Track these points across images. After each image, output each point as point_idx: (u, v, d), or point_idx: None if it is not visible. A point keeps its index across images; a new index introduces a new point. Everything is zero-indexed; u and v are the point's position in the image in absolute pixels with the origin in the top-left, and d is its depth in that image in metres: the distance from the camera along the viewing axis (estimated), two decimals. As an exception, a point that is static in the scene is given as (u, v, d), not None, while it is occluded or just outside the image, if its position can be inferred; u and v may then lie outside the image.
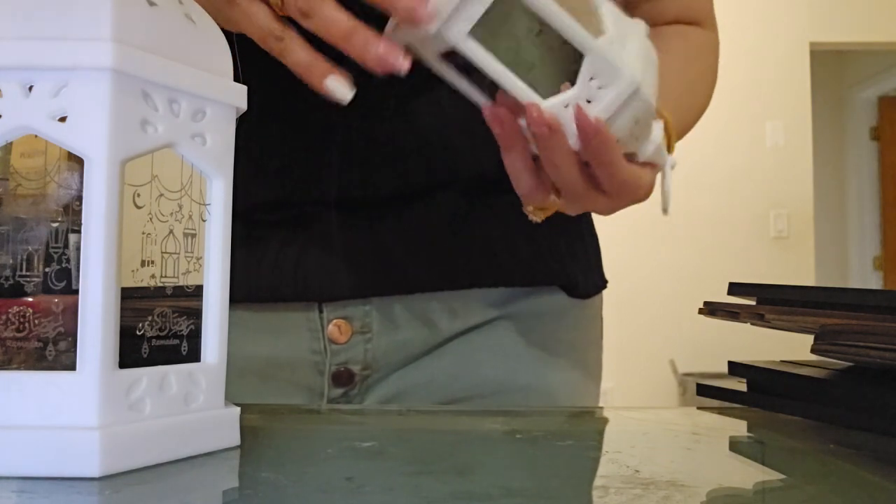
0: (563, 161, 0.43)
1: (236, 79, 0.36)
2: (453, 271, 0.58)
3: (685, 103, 0.60)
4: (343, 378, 0.58)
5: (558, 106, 0.41)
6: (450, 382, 0.59)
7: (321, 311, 0.57)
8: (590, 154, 0.42)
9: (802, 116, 3.87)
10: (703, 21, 0.65)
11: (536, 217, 0.49)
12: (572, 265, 0.63)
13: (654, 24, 0.63)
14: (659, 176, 0.49)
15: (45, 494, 0.27)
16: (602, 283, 0.67)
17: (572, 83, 0.41)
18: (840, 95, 5.22)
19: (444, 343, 0.59)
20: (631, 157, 0.45)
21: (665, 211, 0.50)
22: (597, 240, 0.68)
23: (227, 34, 0.37)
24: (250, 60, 0.45)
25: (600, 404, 0.61)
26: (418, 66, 0.41)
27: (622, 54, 0.41)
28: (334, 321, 0.57)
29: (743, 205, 3.82)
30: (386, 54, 0.39)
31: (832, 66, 5.02)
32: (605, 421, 0.49)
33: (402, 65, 0.39)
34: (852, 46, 4.21)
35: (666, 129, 0.49)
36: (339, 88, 0.41)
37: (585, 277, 0.64)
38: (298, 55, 0.41)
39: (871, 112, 5.14)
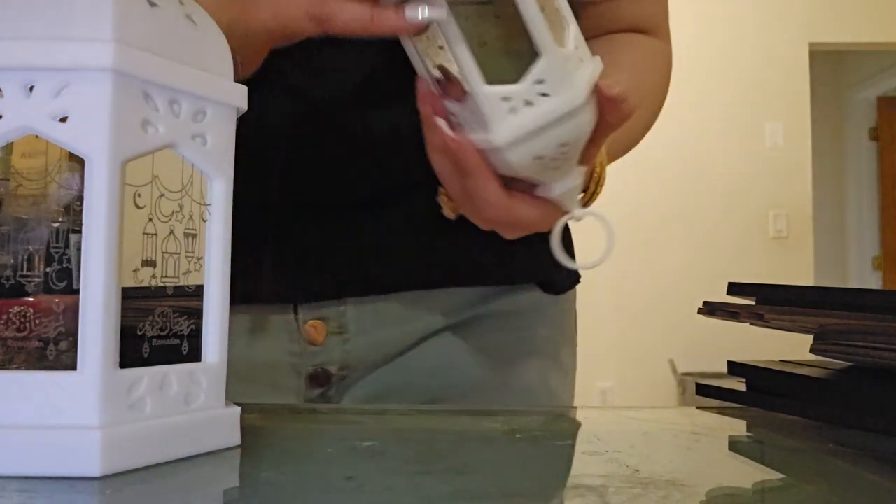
0: (437, 150, 0.43)
1: (236, 79, 0.36)
2: (430, 271, 0.58)
3: (638, 115, 0.60)
4: (320, 379, 0.58)
5: (495, 96, 0.39)
6: (428, 381, 0.59)
7: (297, 313, 0.57)
8: (455, 160, 0.42)
9: (802, 117, 3.87)
10: (655, 30, 0.65)
11: (447, 210, 0.48)
12: (548, 262, 0.63)
13: (607, 30, 0.63)
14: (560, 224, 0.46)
15: (45, 494, 0.27)
16: (576, 278, 0.68)
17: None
18: (839, 96, 5.22)
19: (422, 342, 0.59)
20: (537, 187, 0.44)
21: (566, 265, 0.47)
22: (570, 236, 0.69)
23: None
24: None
25: (600, 404, 0.61)
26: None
27: (577, 71, 0.40)
28: (310, 322, 0.57)
29: (742, 205, 3.82)
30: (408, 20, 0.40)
31: (832, 66, 5.02)
32: (605, 421, 0.49)
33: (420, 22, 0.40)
34: (852, 47, 4.21)
35: (598, 176, 0.48)
36: (420, 13, 0.40)
37: (560, 274, 0.64)
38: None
39: (871, 112, 5.14)
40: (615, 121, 0.43)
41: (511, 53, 0.41)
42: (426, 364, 0.59)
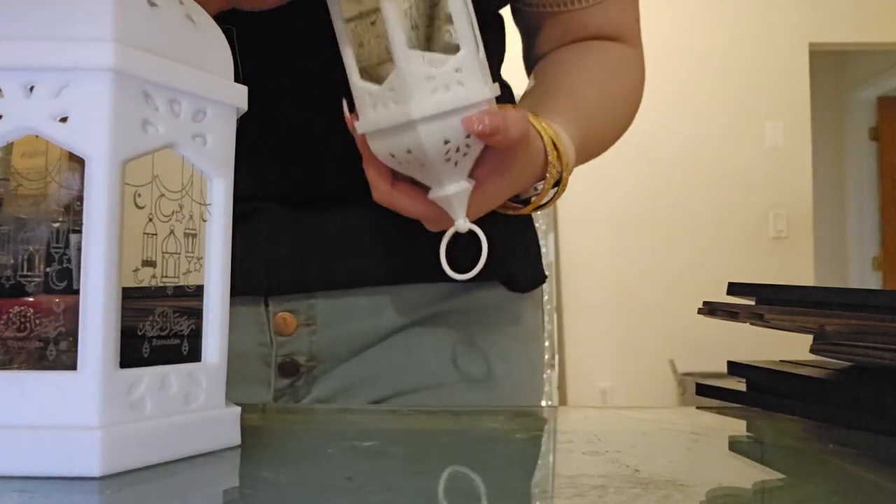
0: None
1: (236, 79, 0.36)
2: (397, 267, 0.59)
3: (604, 119, 0.61)
4: (289, 369, 0.59)
5: (362, 90, 0.45)
6: (395, 375, 0.60)
7: (267, 305, 0.58)
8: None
9: (802, 117, 3.87)
10: (626, 38, 0.65)
11: None
12: (512, 261, 0.65)
13: (575, 37, 0.64)
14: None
15: (45, 494, 0.27)
16: (541, 278, 0.69)
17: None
18: (839, 96, 5.22)
19: (389, 336, 0.60)
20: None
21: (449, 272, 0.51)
22: (536, 236, 0.70)
23: (227, 34, 0.37)
24: None
25: (600, 404, 0.61)
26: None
27: (428, 92, 0.43)
28: (279, 314, 0.58)
29: (743, 205, 3.82)
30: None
31: (832, 66, 5.02)
32: (605, 421, 0.49)
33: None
34: (852, 47, 4.21)
35: (559, 156, 0.51)
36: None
37: (524, 272, 0.66)
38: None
39: (871, 112, 5.14)
40: (497, 146, 0.45)
41: (385, 58, 0.46)
42: (393, 358, 0.60)
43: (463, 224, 0.48)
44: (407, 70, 0.42)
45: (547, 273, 0.73)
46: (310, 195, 0.58)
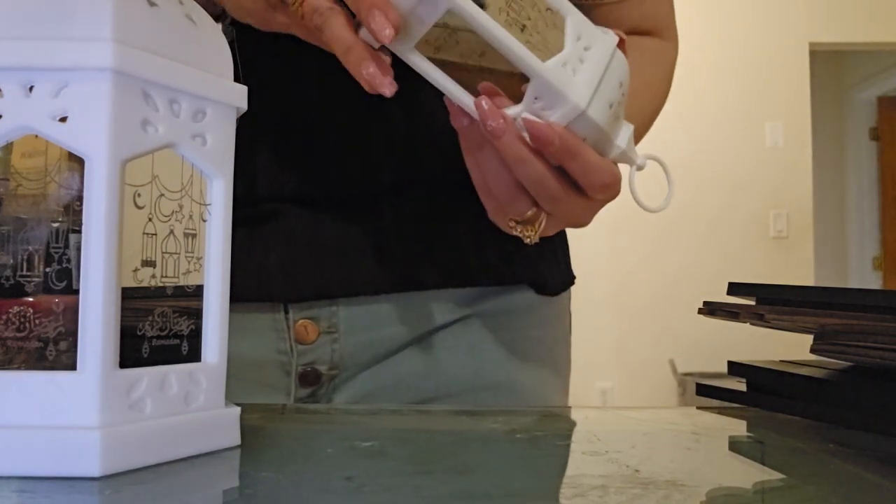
0: (526, 158, 0.41)
1: (236, 79, 0.36)
2: (421, 273, 0.58)
3: (634, 113, 0.60)
4: (310, 378, 0.58)
5: (556, 67, 0.40)
6: (418, 382, 0.59)
7: (287, 312, 0.57)
8: (554, 158, 0.42)
9: (802, 117, 3.87)
10: (660, 30, 0.65)
11: (528, 236, 0.47)
12: (541, 264, 0.63)
13: None
14: (627, 176, 0.48)
15: (45, 494, 0.27)
16: (570, 280, 0.68)
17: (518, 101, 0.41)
18: (839, 96, 5.22)
19: (413, 342, 0.59)
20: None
21: (646, 208, 0.50)
22: (565, 237, 0.68)
23: (228, 35, 0.37)
24: None
25: (600, 404, 0.61)
26: (397, 68, 0.41)
27: (572, 78, 0.41)
28: (300, 321, 0.57)
29: (742, 205, 3.82)
30: (373, 76, 0.39)
31: (832, 66, 5.02)
32: (605, 421, 0.49)
33: (388, 88, 0.39)
34: (852, 46, 4.21)
35: None
36: (377, 78, 0.39)
37: (553, 275, 0.64)
38: (337, 31, 0.40)
39: (871, 112, 5.14)
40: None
41: (506, 81, 0.43)
42: (417, 364, 0.59)
43: (643, 159, 0.48)
44: (543, 72, 0.40)
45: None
46: (330, 197, 0.56)
